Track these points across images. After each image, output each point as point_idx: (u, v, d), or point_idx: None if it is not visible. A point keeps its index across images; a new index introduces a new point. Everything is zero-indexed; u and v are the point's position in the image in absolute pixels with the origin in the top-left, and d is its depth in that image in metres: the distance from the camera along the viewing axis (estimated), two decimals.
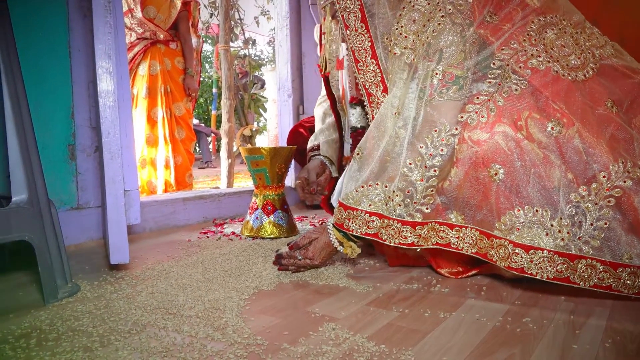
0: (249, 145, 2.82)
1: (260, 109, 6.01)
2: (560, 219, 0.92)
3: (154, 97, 2.76)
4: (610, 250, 0.91)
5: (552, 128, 0.96)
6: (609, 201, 0.92)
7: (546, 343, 0.74)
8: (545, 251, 0.92)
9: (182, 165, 2.84)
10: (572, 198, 0.93)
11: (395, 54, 1.10)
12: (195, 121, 8.24)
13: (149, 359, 0.70)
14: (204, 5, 3.97)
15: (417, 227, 1.03)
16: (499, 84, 1.03)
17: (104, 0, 1.11)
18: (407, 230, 1.03)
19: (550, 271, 0.92)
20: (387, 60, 1.12)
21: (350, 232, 1.07)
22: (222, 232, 1.72)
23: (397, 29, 1.10)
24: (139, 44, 2.76)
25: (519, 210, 0.95)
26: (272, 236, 1.60)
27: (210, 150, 8.18)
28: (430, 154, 1.02)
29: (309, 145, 1.66)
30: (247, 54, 4.64)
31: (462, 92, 1.03)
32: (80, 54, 1.51)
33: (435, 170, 1.01)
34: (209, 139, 8.04)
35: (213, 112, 6.96)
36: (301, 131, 1.91)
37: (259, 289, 1.03)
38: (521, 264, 0.93)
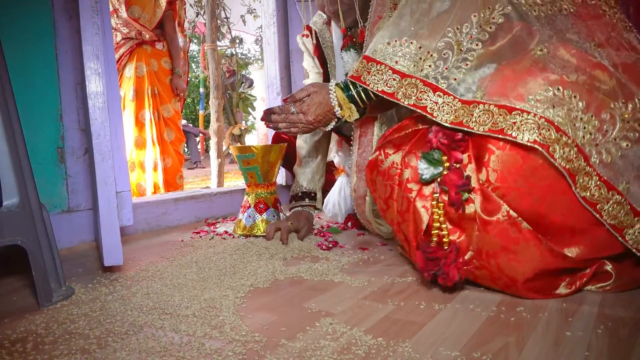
0: (239, 144, 2.81)
1: (249, 108, 6.00)
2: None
3: (141, 100, 2.74)
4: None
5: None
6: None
7: (540, 331, 0.75)
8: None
9: (172, 167, 2.82)
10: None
11: None
12: (183, 121, 8.20)
13: (147, 359, 0.70)
14: (190, 5, 3.95)
15: (436, 93, 0.97)
16: None
17: (90, 1, 1.11)
18: (427, 91, 0.98)
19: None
20: None
21: (367, 87, 1.03)
22: (214, 231, 1.72)
23: None
24: (125, 44, 2.74)
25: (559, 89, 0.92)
26: (265, 234, 1.59)
27: (199, 150, 8.14)
28: (481, 26, 0.96)
29: (295, 189, 1.67)
30: (234, 52, 4.62)
31: None
32: (67, 55, 1.50)
33: (477, 44, 0.96)
34: (197, 139, 8.00)
35: (201, 112, 6.93)
36: (283, 136, 1.92)
37: (254, 287, 1.04)
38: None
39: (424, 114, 0.97)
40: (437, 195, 0.93)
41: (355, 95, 1.07)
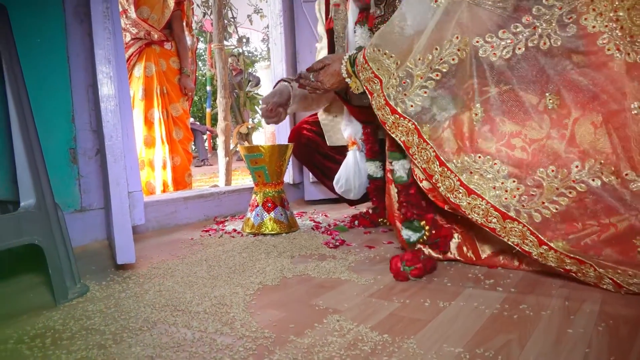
0: (247, 144, 2.83)
1: (256, 107, 6.03)
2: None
3: (150, 99, 2.77)
4: None
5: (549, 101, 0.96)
6: None
7: (542, 328, 0.77)
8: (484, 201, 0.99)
9: (180, 165, 2.85)
10: None
11: None
12: (191, 119, 8.25)
13: (161, 354, 0.73)
14: (197, 5, 3.98)
15: (394, 114, 1.08)
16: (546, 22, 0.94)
17: (102, 7, 1.13)
18: (387, 112, 1.09)
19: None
20: None
21: (358, 74, 1.16)
22: (223, 229, 1.75)
23: None
24: (134, 44, 2.77)
25: (479, 157, 1.00)
26: (273, 232, 1.62)
27: (206, 148, 8.19)
28: (441, 59, 1.02)
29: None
30: (241, 51, 4.65)
31: (504, 4, 0.96)
32: (78, 58, 1.53)
33: (437, 75, 1.03)
34: (205, 136, 8.04)
35: (208, 110, 6.97)
36: (304, 133, 1.91)
37: (263, 284, 1.06)
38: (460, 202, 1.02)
39: (386, 128, 1.12)
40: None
41: (357, 73, 1.18)
